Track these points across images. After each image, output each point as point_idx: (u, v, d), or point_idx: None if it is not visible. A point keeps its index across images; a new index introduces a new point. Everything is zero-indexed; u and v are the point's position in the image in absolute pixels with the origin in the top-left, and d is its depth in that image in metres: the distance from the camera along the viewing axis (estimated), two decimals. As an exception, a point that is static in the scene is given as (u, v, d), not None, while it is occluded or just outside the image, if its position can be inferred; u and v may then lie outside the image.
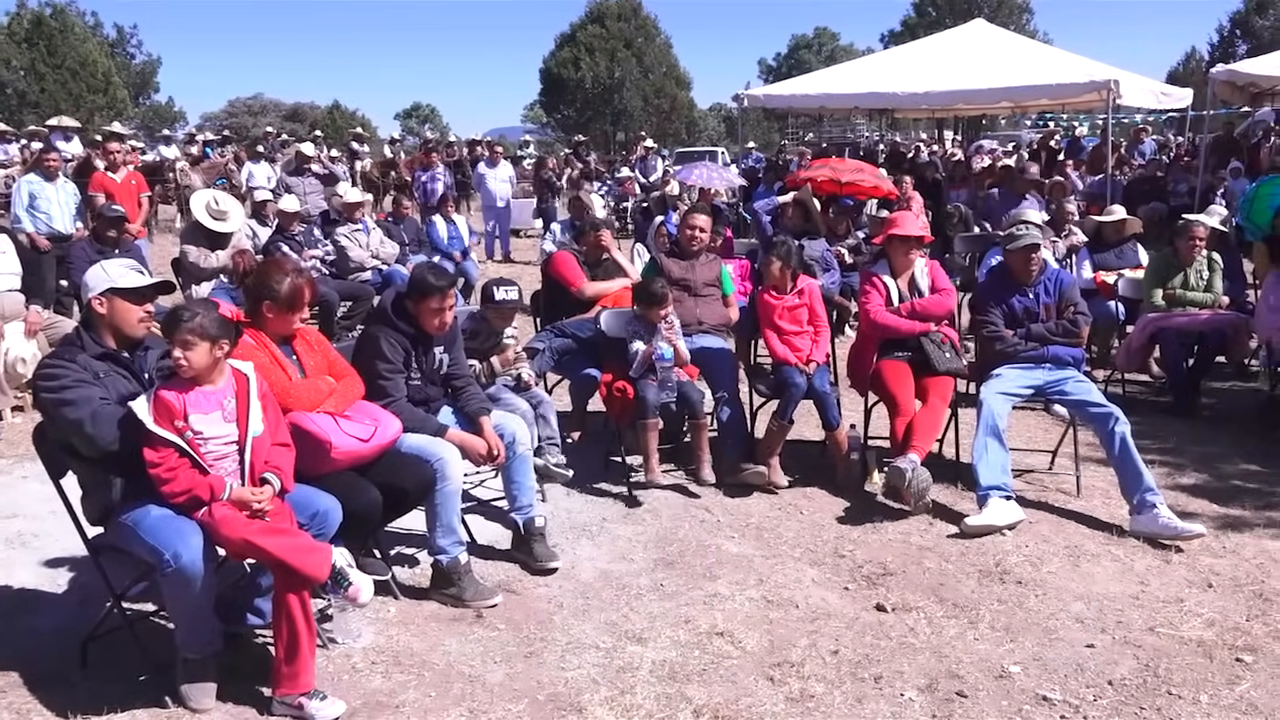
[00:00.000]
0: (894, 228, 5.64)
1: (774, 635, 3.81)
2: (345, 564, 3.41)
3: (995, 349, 5.36)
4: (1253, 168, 15.44)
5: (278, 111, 58.49)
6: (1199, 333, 6.86)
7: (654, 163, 20.51)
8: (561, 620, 3.95)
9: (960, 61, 14.01)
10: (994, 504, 4.79)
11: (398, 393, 4.19)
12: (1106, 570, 4.35)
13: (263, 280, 3.89)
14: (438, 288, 4.24)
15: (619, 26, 46.13)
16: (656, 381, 5.22)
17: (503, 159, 15.80)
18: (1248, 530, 4.78)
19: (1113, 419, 4.90)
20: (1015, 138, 31.95)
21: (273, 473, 3.40)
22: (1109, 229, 8.34)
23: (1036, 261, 5.43)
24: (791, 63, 56.94)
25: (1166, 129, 28.12)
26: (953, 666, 3.57)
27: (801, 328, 5.59)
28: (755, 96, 15.75)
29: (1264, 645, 3.68)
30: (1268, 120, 20.46)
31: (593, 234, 6.62)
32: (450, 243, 10.83)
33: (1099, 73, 12.70)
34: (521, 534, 4.47)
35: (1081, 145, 21.72)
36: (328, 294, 8.07)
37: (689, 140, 45.89)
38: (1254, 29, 42.24)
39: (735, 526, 4.91)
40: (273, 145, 22.79)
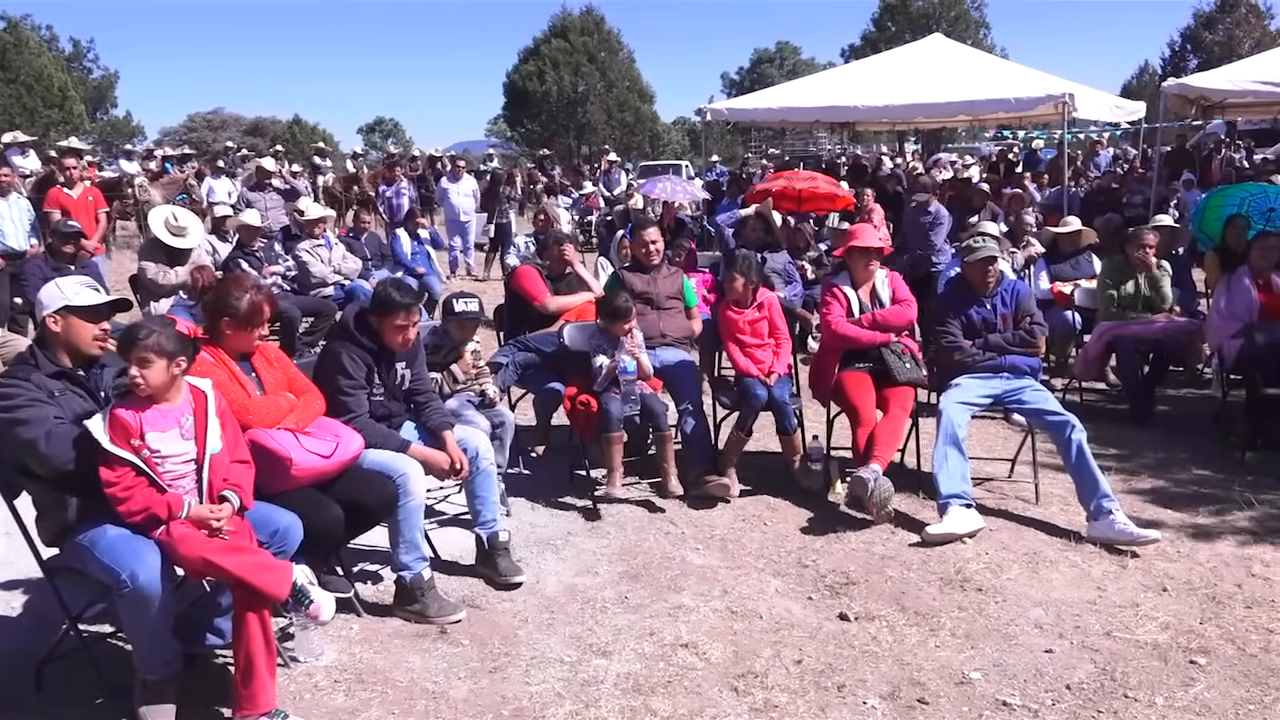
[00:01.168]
0: (854, 240, 5.72)
1: (738, 646, 3.83)
2: (306, 581, 3.39)
3: (954, 359, 5.43)
4: (1205, 179, 15.80)
5: (238, 126, 57.99)
6: (1154, 341, 6.98)
7: (618, 176, 20.55)
8: (526, 634, 3.94)
9: (919, 75, 14.20)
10: (954, 512, 4.84)
11: (359, 409, 4.18)
12: (1065, 576, 4.41)
13: (221, 297, 3.87)
14: (402, 304, 4.23)
15: (582, 40, 46.29)
16: (620, 394, 5.24)
17: (465, 173, 15.75)
18: (1201, 534, 4.87)
19: (1069, 427, 4.98)
20: (974, 150, 32.39)
21: (232, 490, 3.37)
22: (1065, 240, 8.49)
23: (993, 273, 5.51)
24: (754, 76, 57.32)
25: (1122, 141, 28.63)
26: (914, 674, 3.60)
27: (763, 340, 5.64)
28: (718, 110, 15.85)
29: (1217, 647, 3.75)
30: (1218, 133, 20.93)
31: (556, 248, 6.63)
32: (414, 258, 10.79)
33: (1055, 86, 12.92)
34: (485, 549, 4.46)
35: (1039, 157, 22.11)
36: (289, 310, 8.01)
37: (653, 154, 46.04)
38: (1204, 44, 43.16)
39: (700, 538, 4.92)
40: (233, 160, 22.59)
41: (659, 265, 6.09)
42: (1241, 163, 17.79)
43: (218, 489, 3.34)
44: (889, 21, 44.94)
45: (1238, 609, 4.06)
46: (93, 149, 29.63)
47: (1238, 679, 3.52)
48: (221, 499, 3.33)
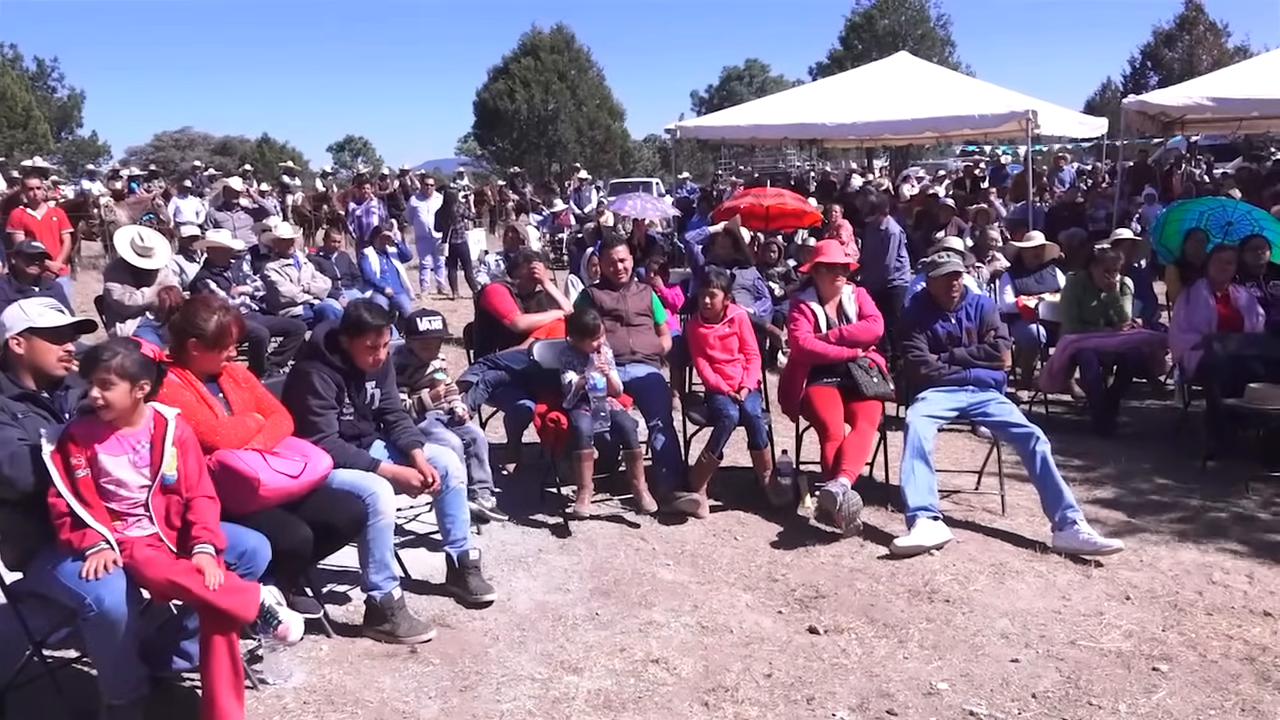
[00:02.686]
0: (820, 256, 5.78)
1: (709, 661, 3.85)
2: (274, 602, 3.38)
3: (920, 373, 5.50)
4: (1166, 194, 16.06)
5: (206, 145, 57.62)
6: (1117, 353, 7.09)
7: (588, 194, 20.62)
8: (497, 653, 3.94)
9: (886, 93, 14.38)
10: (922, 525, 4.89)
11: (329, 429, 4.17)
12: (1030, 586, 4.47)
13: (189, 318, 3.86)
14: (374, 325, 4.23)
15: (552, 59, 46.41)
16: (590, 411, 5.26)
17: (435, 191, 15.74)
18: (1163, 543, 4.95)
19: (1033, 439, 5.05)
20: (942, 166, 32.76)
21: (208, 542, 3.31)
22: (1029, 254, 8.62)
23: (958, 288, 5.59)
24: (723, 94, 57.66)
25: (1086, 157, 29.07)
26: (883, 685, 3.63)
27: (733, 356, 5.68)
28: (688, 128, 15.97)
29: (1178, 654, 3.81)
30: (1179, 148, 21.31)
31: (526, 266, 6.66)
32: (383, 276, 10.76)
33: (1018, 103, 13.12)
34: (456, 567, 4.45)
35: (1006, 173, 22.40)
36: (257, 330, 7.97)
37: (624, 171, 46.19)
38: (1163, 61, 43.93)
39: (670, 554, 4.94)
40: (201, 180, 22.44)
41: (628, 282, 6.12)
42: (1202, 177, 18.13)
43: (173, 517, 3.32)
44: (856, 40, 45.37)
45: (1199, 616, 4.13)
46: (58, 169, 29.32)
47: (1199, 685, 3.58)
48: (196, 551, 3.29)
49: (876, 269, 9.06)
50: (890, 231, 9.12)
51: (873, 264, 9.18)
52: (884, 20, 45.24)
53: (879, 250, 9.10)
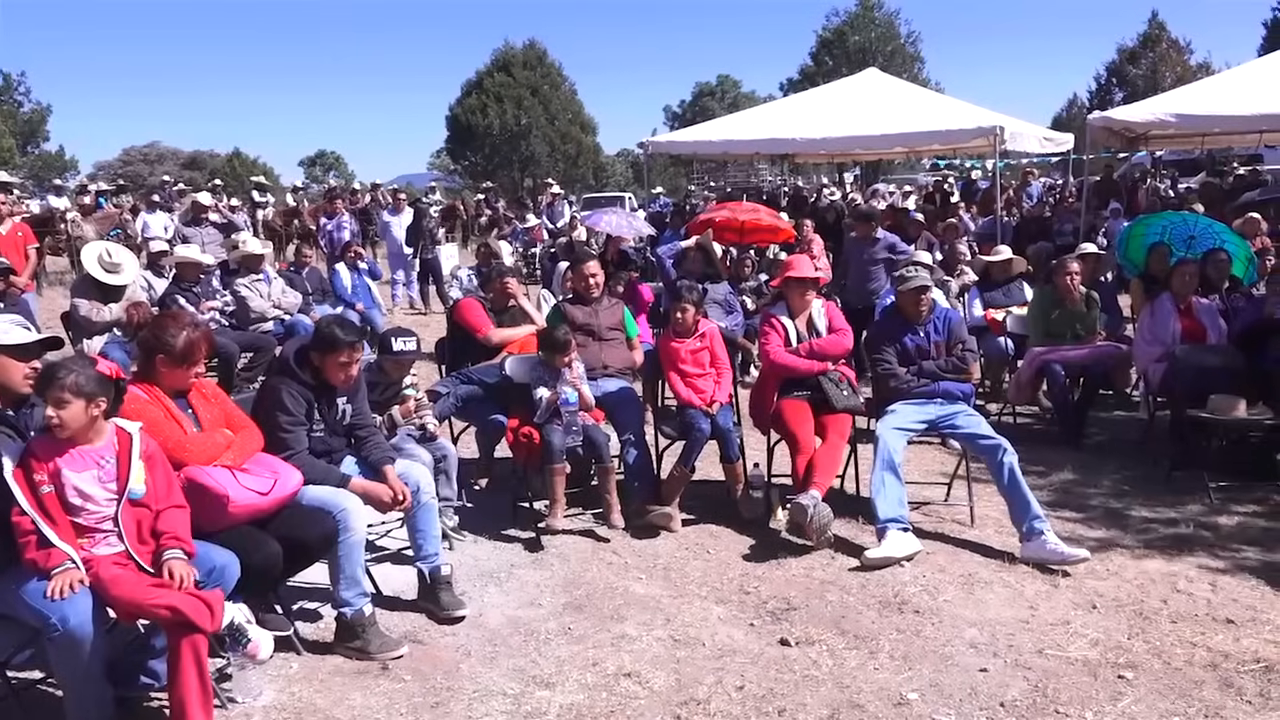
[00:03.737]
0: (790, 270, 5.83)
1: (681, 674, 3.86)
2: (244, 620, 3.37)
3: (890, 386, 5.55)
4: (1131, 208, 16.30)
5: (176, 160, 57.13)
6: (1083, 366, 7.19)
7: (561, 208, 20.63)
8: (469, 668, 3.93)
9: (856, 108, 14.54)
10: (892, 536, 4.93)
11: (299, 445, 4.15)
12: (999, 596, 4.51)
13: (157, 334, 3.84)
14: (346, 342, 4.22)
15: (525, 74, 46.51)
16: (562, 426, 5.26)
17: (406, 206, 15.72)
18: (1128, 552, 5.01)
19: (1001, 450, 5.11)
20: (913, 181, 33.05)
21: (177, 547, 3.32)
22: (996, 268, 8.72)
23: (926, 301, 5.65)
24: (696, 109, 57.93)
25: (1055, 172, 29.43)
26: (854, 696, 3.66)
27: (704, 370, 5.71)
28: (660, 143, 16.06)
29: (1144, 662, 3.86)
30: (1144, 163, 21.64)
31: (499, 281, 6.67)
32: (354, 291, 10.73)
33: (986, 119, 13.31)
34: (428, 583, 4.44)
35: (976, 188, 22.64)
36: (227, 345, 7.92)
37: (597, 186, 46.32)
38: (1128, 77, 44.59)
39: (643, 568, 4.95)
40: (170, 194, 22.27)
41: (600, 297, 6.14)
42: (1166, 192, 18.40)
43: (144, 532, 3.30)
44: (826, 56, 45.78)
45: (1163, 624, 4.19)
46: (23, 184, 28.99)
47: (1163, 692, 3.63)
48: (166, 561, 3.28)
49: (863, 282, 9.20)
50: (887, 241, 9.38)
51: (860, 277, 9.32)
52: (855, 37, 45.70)
53: (868, 263, 9.24)
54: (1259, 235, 10.66)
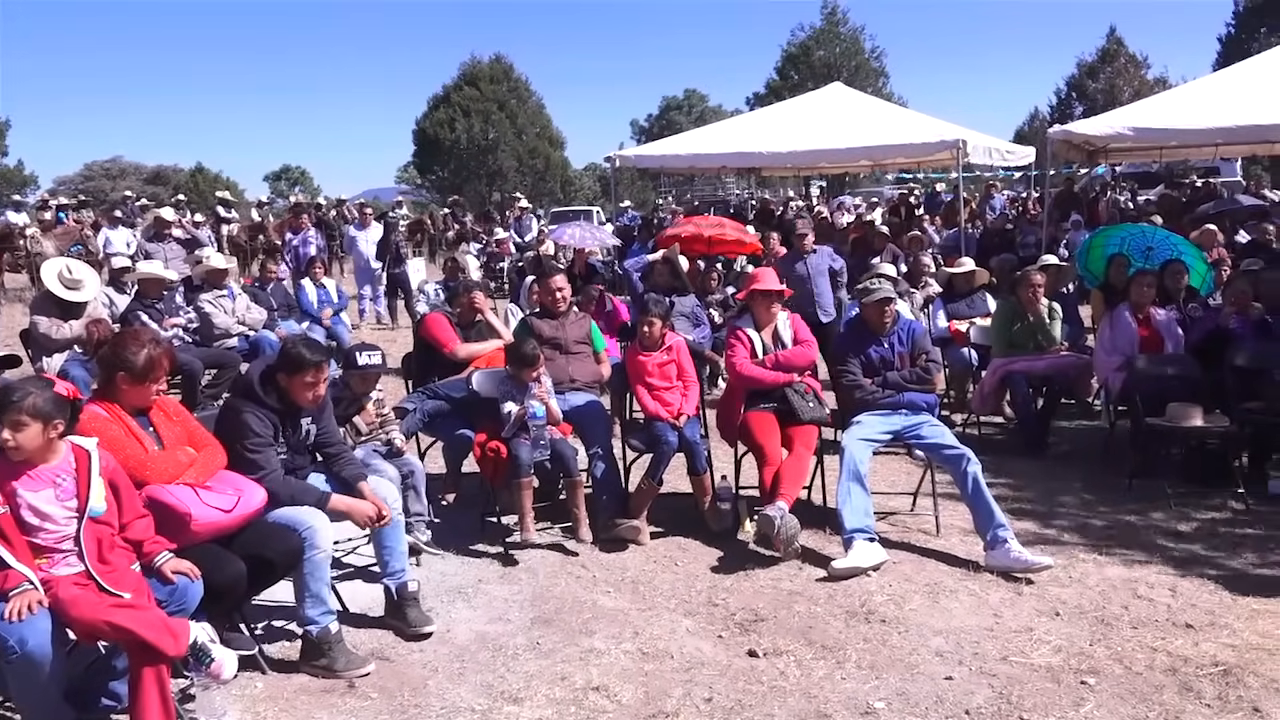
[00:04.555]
0: (756, 283, 5.87)
1: (649, 687, 3.86)
2: (207, 639, 3.34)
3: (855, 397, 5.60)
4: (1092, 220, 16.55)
5: (138, 175, 56.50)
6: (1045, 376, 7.28)
7: (529, 222, 20.63)
8: (436, 685, 3.91)
9: (822, 122, 14.69)
10: (858, 546, 4.97)
11: (270, 465, 4.11)
12: (964, 605, 4.55)
13: (118, 351, 3.81)
14: (312, 362, 4.19)
15: (492, 89, 46.46)
16: (529, 440, 5.26)
17: (373, 220, 15.66)
18: (1091, 559, 5.08)
19: (965, 460, 5.17)
20: (878, 194, 33.37)
21: (163, 550, 3.38)
22: (960, 280, 8.81)
23: (890, 313, 5.70)
24: (663, 123, 58.17)
25: (1017, 185, 29.83)
26: (821, 706, 3.67)
27: (671, 383, 5.73)
28: (627, 157, 16.12)
29: (1105, 667, 3.91)
30: (1104, 176, 21.98)
31: (466, 295, 6.65)
32: (320, 306, 10.67)
33: (949, 132, 13.50)
34: (394, 599, 4.41)
35: (940, 200, 22.90)
36: (191, 362, 7.84)
37: (565, 200, 46.32)
38: (1087, 92, 45.26)
39: (611, 581, 4.95)
40: (133, 210, 22.01)
41: (567, 311, 6.15)
42: (1126, 204, 18.71)
43: (105, 551, 3.26)
44: (792, 71, 46.06)
45: (1125, 630, 4.25)
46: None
47: (1125, 697, 3.68)
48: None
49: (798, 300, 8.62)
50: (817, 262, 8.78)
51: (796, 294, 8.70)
52: (820, 52, 46.04)
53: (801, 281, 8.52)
54: (1215, 246, 10.88)
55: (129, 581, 3.26)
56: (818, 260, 8.77)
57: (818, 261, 8.75)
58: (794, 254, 8.93)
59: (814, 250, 8.89)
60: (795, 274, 8.40)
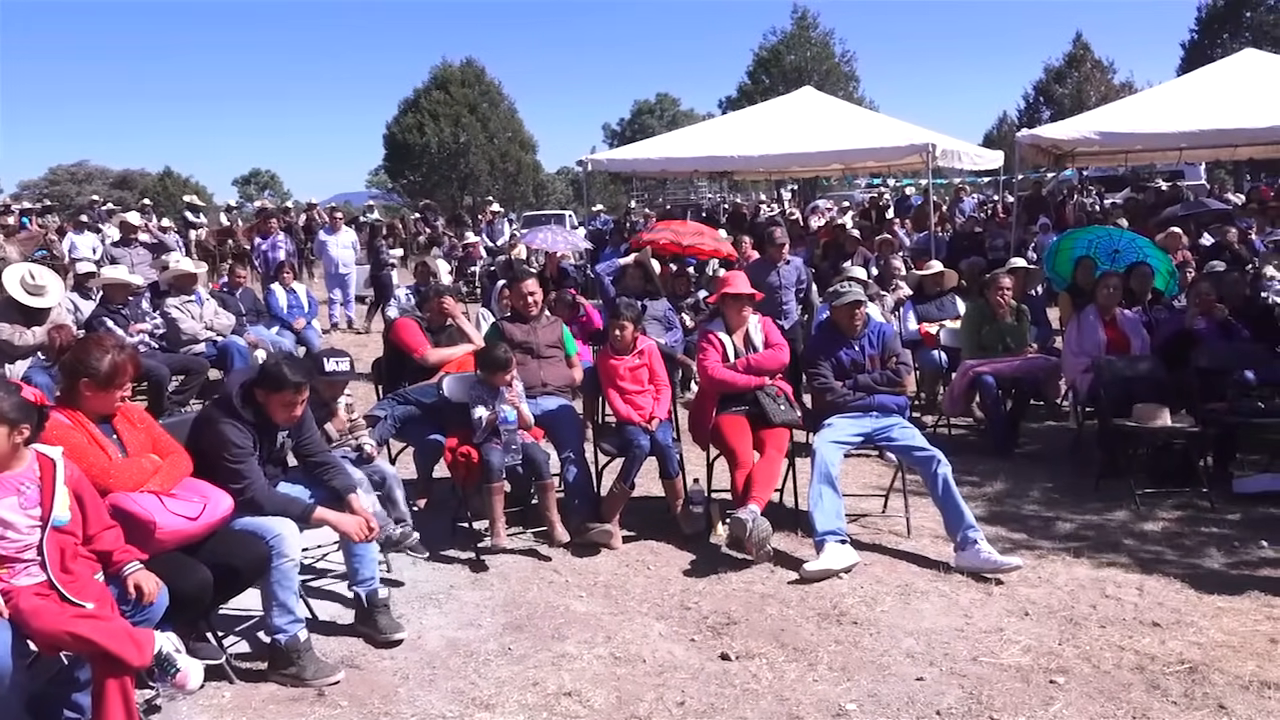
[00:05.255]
0: (727, 287, 5.88)
1: (621, 691, 3.85)
2: (172, 649, 3.29)
3: (826, 400, 5.62)
4: (1060, 223, 16.72)
5: (104, 179, 55.85)
6: (1014, 377, 7.34)
7: (501, 226, 20.57)
8: (407, 692, 3.88)
9: (793, 126, 14.73)
10: (830, 549, 4.98)
11: (254, 476, 4.07)
12: (935, 606, 4.58)
13: (81, 358, 3.75)
14: (292, 383, 4.15)
15: (463, 92, 46.30)
16: (501, 445, 5.24)
17: (344, 225, 15.55)
18: (1060, 559, 5.12)
19: (935, 462, 5.20)
20: (849, 197, 33.55)
21: (133, 560, 3.33)
22: (929, 282, 8.88)
23: (860, 316, 5.73)
24: (635, 127, 58.18)
25: (986, 188, 30.09)
26: (793, 709, 3.68)
27: (643, 387, 5.73)
28: (599, 161, 16.11)
29: (1074, 666, 3.94)
30: (1071, 180, 22.22)
31: (436, 300, 6.62)
32: (290, 311, 10.58)
33: (918, 136, 13.57)
34: (365, 607, 4.37)
35: (910, 204, 23.05)
36: (157, 369, 7.74)
37: (537, 204, 46.23)
38: (1055, 96, 45.77)
39: (583, 585, 4.93)
40: (100, 214, 21.73)
41: (538, 315, 6.13)
42: (1093, 207, 18.92)
43: (68, 561, 3.21)
44: (763, 75, 46.24)
45: (1093, 629, 4.28)
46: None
47: (1093, 695, 3.71)
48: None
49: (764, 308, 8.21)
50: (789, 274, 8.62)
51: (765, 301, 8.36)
52: (790, 56, 46.25)
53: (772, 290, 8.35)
54: (1180, 249, 11.01)
55: (92, 591, 3.21)
56: (789, 272, 8.76)
57: (789, 273, 8.74)
58: (768, 262, 8.85)
59: (788, 261, 8.86)
60: (767, 283, 8.32)
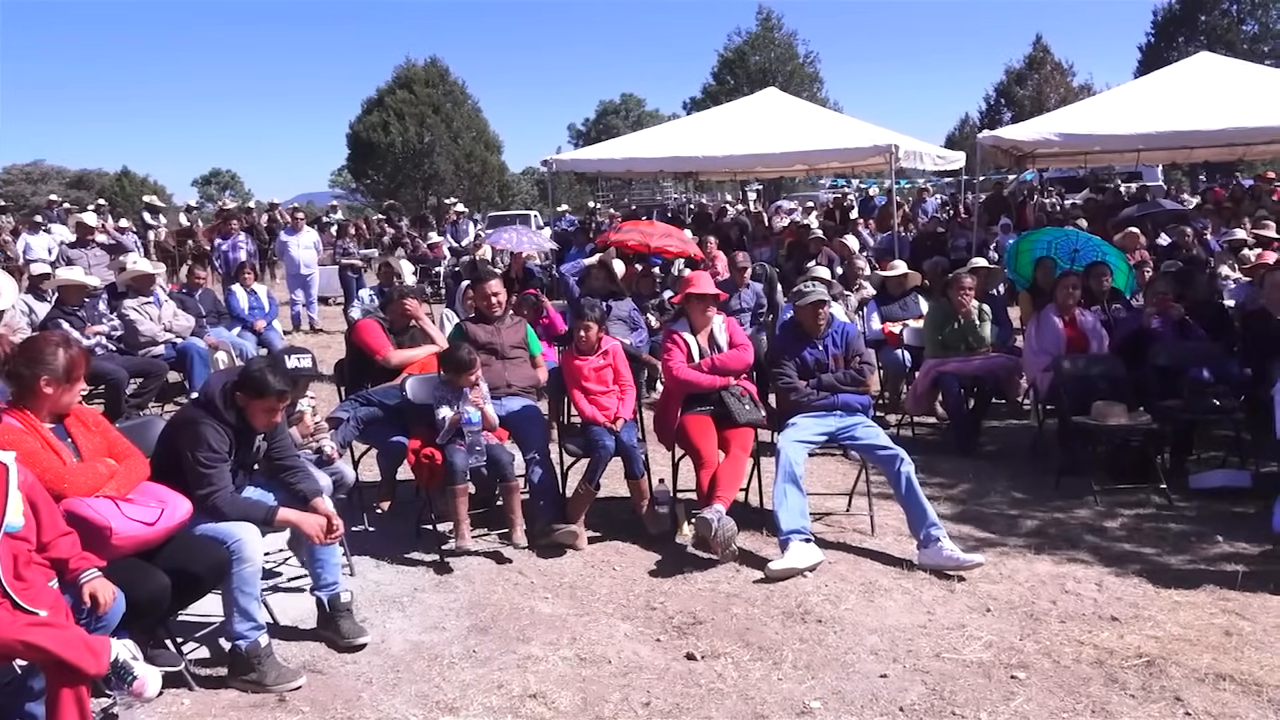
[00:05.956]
0: (691, 287, 5.88)
1: (587, 693, 3.84)
2: (130, 657, 3.24)
3: (790, 399, 5.64)
4: (1020, 224, 16.93)
5: (60, 179, 54.86)
6: (976, 376, 7.41)
7: (465, 227, 20.47)
8: (370, 697, 3.85)
9: (757, 127, 14.79)
10: (795, 548, 5.00)
11: (222, 483, 4.01)
12: (898, 603, 4.61)
13: (35, 358, 3.69)
14: (274, 391, 4.11)
15: (427, 92, 46.01)
16: (465, 446, 5.21)
17: (305, 225, 15.40)
18: (1020, 556, 5.18)
19: (898, 460, 5.23)
20: (813, 198, 33.75)
21: (89, 567, 3.27)
22: (893, 283, 8.94)
23: (824, 315, 5.76)
24: (600, 127, 58.18)
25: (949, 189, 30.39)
26: (758, 708, 3.69)
27: (608, 387, 5.72)
28: (564, 161, 16.08)
29: (1035, 662, 3.99)
30: (1032, 181, 22.50)
31: (399, 301, 6.57)
32: (251, 313, 10.46)
33: (881, 138, 13.67)
34: (327, 611, 4.33)
35: (874, 204, 23.24)
36: (115, 371, 7.62)
37: (502, 204, 46.07)
38: (1015, 98, 46.33)
39: (549, 587, 4.92)
40: (58, 214, 21.35)
41: (503, 316, 6.11)
42: (1053, 208, 19.17)
43: (21, 568, 3.15)
44: (728, 75, 46.42)
45: (1053, 624, 4.34)
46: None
47: (1053, 690, 3.75)
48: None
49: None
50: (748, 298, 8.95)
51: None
52: (755, 57, 46.45)
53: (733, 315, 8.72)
54: (1138, 249, 11.17)
55: (46, 599, 3.15)
56: (749, 296, 9.00)
57: (749, 297, 8.96)
58: (730, 284, 9.12)
59: (749, 285, 9.07)
60: (729, 306, 8.54)
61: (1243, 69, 14.20)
